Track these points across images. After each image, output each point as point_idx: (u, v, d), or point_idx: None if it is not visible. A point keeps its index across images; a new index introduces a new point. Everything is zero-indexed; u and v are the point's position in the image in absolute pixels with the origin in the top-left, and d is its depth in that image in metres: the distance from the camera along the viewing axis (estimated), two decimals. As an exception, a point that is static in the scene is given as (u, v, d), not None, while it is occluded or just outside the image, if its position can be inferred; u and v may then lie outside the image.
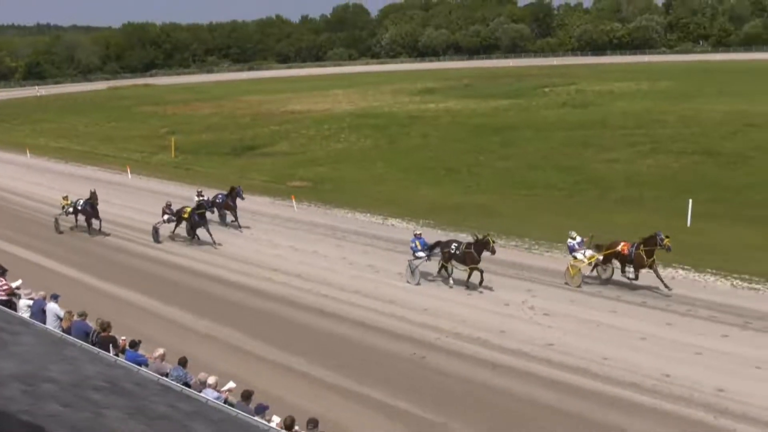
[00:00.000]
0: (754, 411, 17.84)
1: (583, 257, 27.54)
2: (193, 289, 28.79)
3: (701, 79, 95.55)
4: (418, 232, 29.98)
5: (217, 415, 9.46)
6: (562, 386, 19.64)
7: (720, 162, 47.69)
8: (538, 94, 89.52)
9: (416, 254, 28.51)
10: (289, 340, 23.40)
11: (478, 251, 27.17)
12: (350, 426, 16.71)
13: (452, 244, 28.10)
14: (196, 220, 34.40)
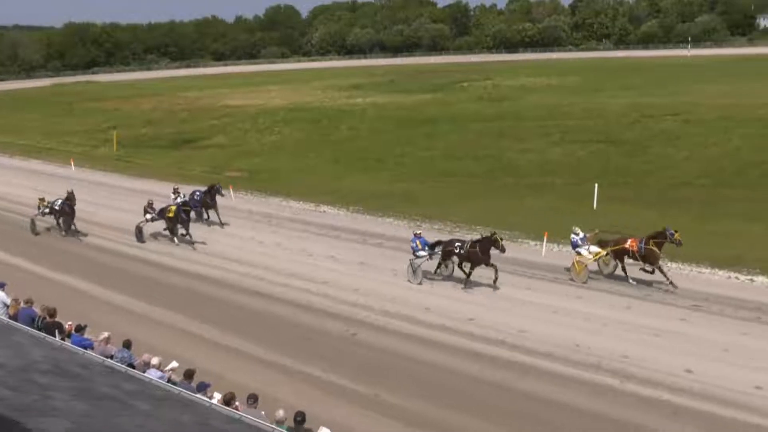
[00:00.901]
0: (656, 375, 18.26)
1: (587, 253, 25.64)
2: (134, 275, 28.23)
3: (604, 75, 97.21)
4: (417, 232, 27.19)
5: (159, 393, 9.26)
6: (482, 358, 19.83)
7: (622, 150, 48.62)
8: (457, 89, 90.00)
9: (417, 253, 26.09)
10: (228, 321, 23.12)
11: (485, 250, 24.82)
12: (288, 400, 16.58)
13: (455, 243, 25.74)
14: (184, 218, 31.27)
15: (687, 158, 45.51)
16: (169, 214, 31.68)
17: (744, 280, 24.98)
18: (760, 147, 46.52)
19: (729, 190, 37.59)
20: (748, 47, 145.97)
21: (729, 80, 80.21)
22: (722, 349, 19.58)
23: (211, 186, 34.87)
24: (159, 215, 32.27)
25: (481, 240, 25.04)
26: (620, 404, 17.09)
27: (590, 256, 25.55)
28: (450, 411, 17.07)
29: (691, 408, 16.74)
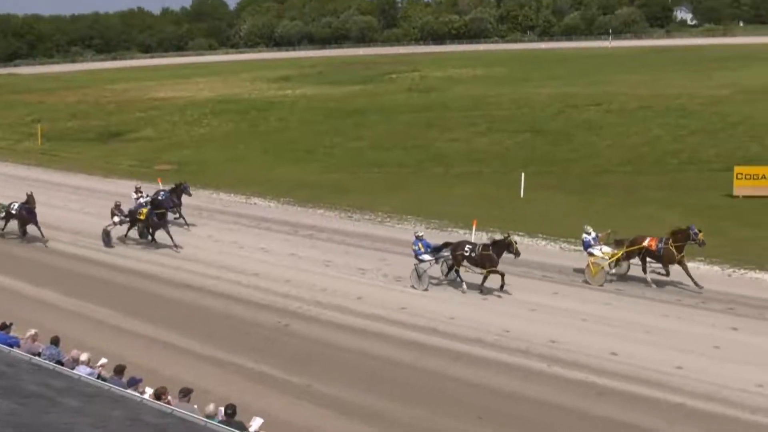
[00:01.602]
0: (583, 358, 18.62)
1: (600, 253, 23.98)
2: (62, 270, 27.54)
3: (529, 66, 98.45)
4: (420, 234, 25.14)
5: (89, 390, 9.09)
6: (414, 346, 19.92)
7: (547, 139, 49.38)
8: (385, 80, 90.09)
9: (419, 257, 24.23)
10: (160, 315, 22.73)
11: (498, 253, 23.33)
12: (221, 392, 16.40)
13: (465, 245, 23.91)
14: (156, 221, 29.13)
15: (609, 146, 46.48)
16: (140, 216, 29.62)
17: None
18: (677, 136, 47.78)
19: (648, 177, 38.54)
20: (665, 39, 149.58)
21: (648, 71, 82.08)
22: (644, 331, 20.07)
23: (177, 185, 32.90)
24: (128, 218, 30.11)
25: (495, 243, 23.61)
26: (548, 387, 17.37)
27: (604, 256, 23.95)
28: (383, 399, 17.12)
29: (616, 389, 17.12)
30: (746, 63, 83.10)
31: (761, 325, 20.15)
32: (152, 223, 29.33)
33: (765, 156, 40.48)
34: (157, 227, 29.23)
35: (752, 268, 24.62)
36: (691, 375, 17.46)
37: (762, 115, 51.15)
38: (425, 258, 24.21)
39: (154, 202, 29.64)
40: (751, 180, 33.54)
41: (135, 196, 32.44)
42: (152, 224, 29.37)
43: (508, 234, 24.11)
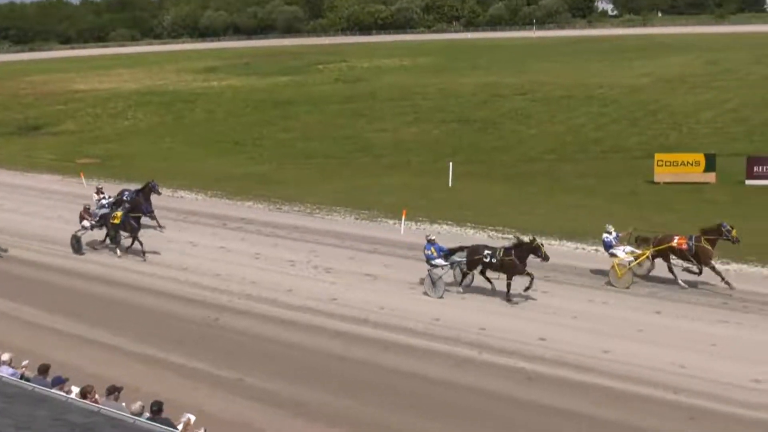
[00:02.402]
0: (512, 345, 18.84)
1: (624, 254, 22.63)
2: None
3: (455, 56, 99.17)
4: (432, 237, 23.24)
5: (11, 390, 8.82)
6: (345, 336, 19.90)
7: (474, 128, 49.90)
8: (312, 70, 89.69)
9: (432, 262, 22.54)
10: (87, 313, 22.17)
11: (522, 257, 21.57)
12: (151, 389, 16.11)
13: (484, 250, 22.23)
14: (134, 225, 26.87)
15: (535, 135, 47.22)
16: (114, 221, 27.21)
17: (590, 250, 26.12)
18: (600, 124, 48.84)
19: (573, 165, 39.29)
20: (587, 29, 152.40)
21: (571, 60, 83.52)
22: (572, 316, 20.43)
23: (146, 184, 30.33)
24: (100, 222, 27.91)
25: (518, 246, 21.83)
26: (479, 374, 17.54)
27: (627, 256, 22.65)
28: (314, 390, 17.05)
29: (545, 374, 17.38)
30: (664, 52, 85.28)
31: (682, 308, 20.69)
32: (130, 228, 27.03)
33: (684, 143, 41.68)
34: (135, 232, 26.97)
35: (673, 253, 25.24)
36: (618, 358, 17.83)
37: (680, 103, 52.63)
38: (438, 262, 22.53)
39: (132, 205, 27.54)
40: (671, 166, 34.46)
41: (96, 197, 30.20)
42: (130, 229, 27.05)
43: (534, 237, 22.44)
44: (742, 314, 20.06)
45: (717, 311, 20.36)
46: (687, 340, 18.66)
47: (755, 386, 16.24)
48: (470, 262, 22.33)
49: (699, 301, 21.15)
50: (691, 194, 32.32)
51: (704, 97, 54.64)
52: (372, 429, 15.41)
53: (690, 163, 34.41)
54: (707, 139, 42.69)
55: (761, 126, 44.86)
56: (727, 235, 21.95)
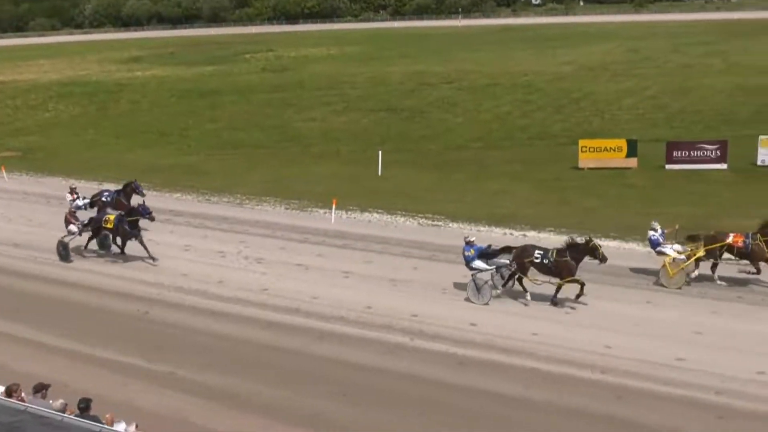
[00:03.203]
0: (444, 331, 19.02)
1: (674, 252, 21.32)
2: None
3: (383, 44, 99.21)
4: (471, 239, 21.21)
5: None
6: (277, 326, 19.80)
7: (402, 117, 50.05)
8: (239, 60, 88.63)
9: (472, 264, 20.81)
10: (13, 309, 21.56)
11: (576, 259, 20.15)
12: (81, 386, 15.75)
13: (534, 251, 20.56)
14: (129, 230, 24.90)
15: (462, 123, 47.60)
16: (107, 225, 25.24)
17: (518, 235, 26.48)
18: (525, 111, 49.50)
19: (500, 152, 39.73)
20: (512, 17, 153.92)
21: (497, 49, 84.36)
22: (501, 301, 20.69)
23: (127, 184, 28.64)
24: (90, 227, 25.77)
25: (573, 246, 20.38)
26: (411, 360, 17.65)
27: (677, 255, 21.28)
28: (248, 382, 16.93)
29: (476, 358, 17.59)
30: (586, 41, 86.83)
31: (607, 291, 21.13)
32: (123, 233, 25.07)
33: (607, 129, 42.54)
34: (129, 237, 24.98)
35: (597, 236, 25.68)
36: (545, 341, 18.16)
37: (602, 90, 53.69)
38: (478, 266, 20.80)
39: (130, 210, 25.44)
40: (594, 152, 35.12)
41: (70, 197, 28.58)
42: (123, 234, 25.09)
43: (590, 237, 20.94)
44: (665, 295, 20.60)
45: (640, 293, 20.88)
46: (612, 321, 19.10)
47: (679, 365, 16.71)
48: (520, 264, 20.59)
49: (622, 283, 21.66)
50: (614, 179, 33.03)
51: (625, 84, 55.84)
52: (306, 418, 15.38)
53: (612, 149, 35.12)
54: (629, 125, 43.65)
55: (679, 112, 46.07)
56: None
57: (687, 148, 34.40)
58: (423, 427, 14.90)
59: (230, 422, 15.35)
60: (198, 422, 15.42)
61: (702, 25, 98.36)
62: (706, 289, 20.77)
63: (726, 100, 48.41)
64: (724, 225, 25.90)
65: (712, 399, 15.28)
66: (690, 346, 17.53)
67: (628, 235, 25.56)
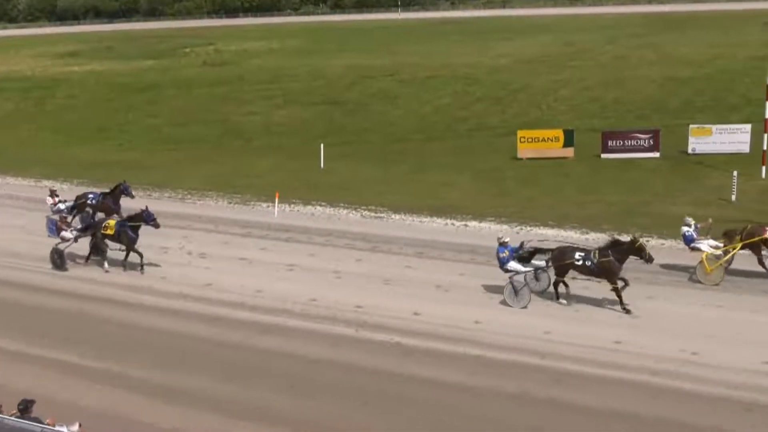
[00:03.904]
0: (388, 321, 19.10)
1: (709, 248, 20.61)
2: None
3: (323, 38, 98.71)
4: (505, 240, 20.03)
5: None
6: (222, 321, 19.66)
7: (344, 110, 49.98)
8: (178, 54, 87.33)
9: (506, 267, 19.74)
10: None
11: (620, 259, 19.08)
12: (20, 386, 15.41)
13: (575, 252, 19.46)
14: (132, 236, 23.29)
15: (403, 116, 47.75)
16: (107, 231, 23.51)
17: (459, 225, 26.75)
18: (465, 103, 49.84)
19: (440, 143, 40.02)
20: (450, 10, 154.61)
21: (436, 41, 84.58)
22: (444, 290, 20.89)
23: (116, 186, 27.08)
24: (86, 232, 24.21)
25: (616, 245, 19.35)
26: (356, 351, 17.71)
27: (713, 250, 20.62)
28: (194, 377, 16.80)
29: (421, 347, 17.72)
30: (523, 34, 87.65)
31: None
32: (127, 240, 23.28)
33: (544, 120, 43.11)
34: (133, 243, 23.39)
35: (537, 225, 26.20)
36: (488, 328, 18.38)
37: (539, 82, 54.26)
38: (514, 267, 19.75)
39: (133, 215, 23.70)
40: (533, 143, 35.60)
41: (51, 201, 26.96)
42: (127, 240, 23.30)
43: (635, 236, 19.84)
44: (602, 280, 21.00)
45: (579, 279, 21.21)
46: (552, 307, 19.44)
47: (617, 347, 17.09)
48: (560, 267, 19.56)
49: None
50: (551, 169, 33.53)
51: (561, 76, 56.53)
52: (252, 412, 15.33)
53: (550, 139, 35.65)
54: (565, 116, 44.32)
55: (614, 103, 46.90)
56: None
57: (621, 138, 35.12)
58: (369, 417, 14.98)
59: (176, 419, 15.22)
60: (143, 420, 15.25)
61: (635, 18, 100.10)
62: (641, 274, 21.24)
63: (658, 90, 49.41)
64: (656, 211, 26.63)
65: (648, 380, 15.67)
66: (627, 330, 17.94)
67: (566, 222, 26.03)
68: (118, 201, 26.75)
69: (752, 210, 26.23)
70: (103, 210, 26.75)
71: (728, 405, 14.60)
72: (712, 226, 21.36)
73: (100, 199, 26.87)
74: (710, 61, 57.84)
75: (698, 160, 33.19)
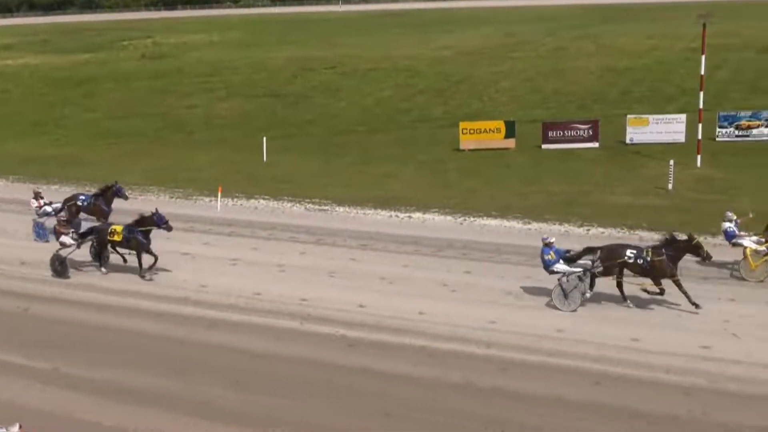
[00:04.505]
0: (333, 314, 19.06)
1: (754, 243, 19.77)
2: None
3: (264, 30, 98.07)
4: (550, 240, 19.23)
5: None
6: (166, 317, 19.40)
7: (286, 103, 49.74)
8: (116, 47, 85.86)
9: (553, 268, 18.98)
10: None
11: (675, 257, 18.34)
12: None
13: (626, 250, 18.65)
14: (143, 241, 21.88)
15: (345, 108, 47.70)
16: (115, 238, 22.04)
17: (403, 217, 26.83)
18: (407, 95, 50.00)
19: (383, 135, 40.08)
20: (391, 3, 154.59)
21: (377, 33, 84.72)
22: (388, 281, 20.92)
23: (107, 187, 25.82)
24: (88, 238, 22.64)
25: (671, 243, 18.50)
26: (301, 344, 17.63)
27: (756, 246, 19.76)
28: (138, 374, 16.53)
29: (366, 339, 17.72)
30: (464, 25, 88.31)
31: (490, 267, 21.71)
32: (137, 245, 21.88)
33: (486, 111, 43.48)
34: (145, 249, 21.91)
35: (479, 216, 26.41)
36: (432, 319, 18.47)
37: (480, 74, 54.72)
38: (565, 269, 18.94)
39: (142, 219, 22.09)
40: (475, 134, 35.85)
41: (36, 203, 25.62)
42: (138, 246, 21.89)
43: (692, 234, 18.75)
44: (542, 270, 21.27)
45: (518, 269, 21.47)
46: (495, 296, 19.60)
47: (559, 335, 17.33)
48: (608, 267, 18.69)
49: (506, 260, 22.25)
50: (493, 159, 33.82)
51: (503, 67, 57.07)
52: (197, 407, 15.15)
53: (491, 131, 35.93)
54: (506, 107, 44.75)
55: (554, 94, 47.50)
56: None
57: (561, 128, 35.58)
58: (316, 410, 14.93)
59: (118, 416, 14.97)
60: (85, 418, 14.98)
61: (574, 9, 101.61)
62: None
63: (597, 81, 50.22)
64: (596, 200, 27.09)
65: (590, 366, 15.93)
66: (568, 318, 18.20)
67: (509, 213, 26.29)
68: (110, 203, 25.58)
69: (688, 199, 26.87)
70: (93, 213, 25.40)
71: (668, 389, 14.92)
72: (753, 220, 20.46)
73: (92, 201, 25.57)
74: (647, 52, 59.06)
75: (636, 149, 33.81)
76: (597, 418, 14.13)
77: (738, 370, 15.42)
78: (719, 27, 46.11)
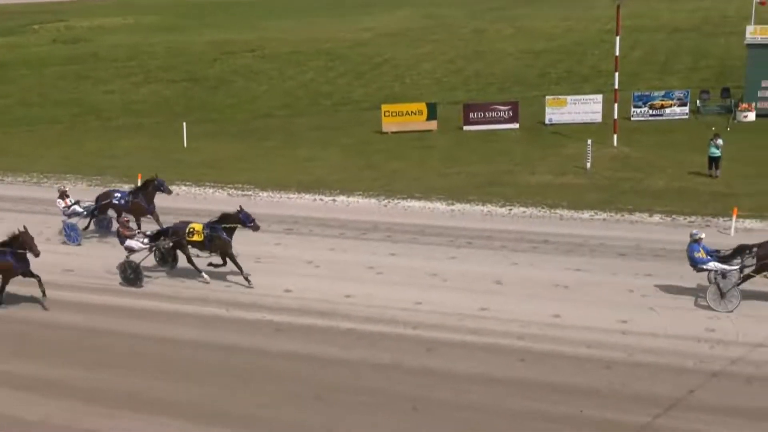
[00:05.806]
0: (260, 299, 18.96)
1: None
2: None
3: (182, 13, 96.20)
4: (700, 236, 17.85)
5: None
6: (88, 308, 19.00)
7: (206, 87, 49.04)
8: (27, 31, 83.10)
9: (704, 267, 17.71)
10: None
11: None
12: None
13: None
14: (227, 240, 20.00)
15: (267, 91, 47.30)
16: (195, 238, 20.12)
17: (327, 201, 26.79)
18: (329, 78, 49.83)
19: (306, 118, 39.91)
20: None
21: (298, 16, 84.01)
22: (314, 266, 20.90)
23: (149, 181, 23.70)
24: (162, 240, 20.65)
25: None
26: (228, 330, 17.49)
27: None
28: (63, 367, 16.18)
29: (293, 324, 17.68)
30: (384, 7, 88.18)
31: (414, 249, 21.88)
32: (222, 245, 20.01)
33: (407, 94, 43.64)
34: (228, 249, 20.04)
35: (403, 198, 26.57)
36: (359, 301, 18.55)
37: (401, 56, 54.91)
38: (718, 267, 17.62)
39: (223, 217, 20.25)
40: (396, 116, 35.97)
41: (62, 203, 23.72)
42: (223, 246, 20.01)
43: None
44: (466, 251, 21.56)
45: (444, 249, 21.72)
46: (420, 278, 19.79)
47: (483, 314, 17.60)
48: (764, 265, 17.20)
49: (430, 242, 22.45)
50: (416, 141, 34.02)
51: (424, 49, 57.35)
52: (124, 399, 14.90)
53: (413, 113, 36.11)
54: (428, 89, 45.00)
55: (474, 76, 47.97)
56: None
57: (482, 110, 35.98)
58: (246, 396, 14.84)
59: (42, 410, 14.62)
60: (6, 412, 14.60)
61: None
62: (506, 242, 21.92)
63: (515, 63, 50.92)
64: (517, 180, 27.53)
65: (515, 344, 16.24)
66: (492, 297, 18.50)
67: (432, 194, 26.51)
68: (152, 199, 23.46)
69: (606, 177, 27.53)
70: (133, 212, 23.15)
71: (589, 364, 15.33)
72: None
73: (130, 199, 23.33)
74: (563, 34, 60.13)
75: (555, 130, 34.45)
76: (523, 394, 14.43)
77: (654, 343, 15.95)
78: (633, 8, 47.35)
